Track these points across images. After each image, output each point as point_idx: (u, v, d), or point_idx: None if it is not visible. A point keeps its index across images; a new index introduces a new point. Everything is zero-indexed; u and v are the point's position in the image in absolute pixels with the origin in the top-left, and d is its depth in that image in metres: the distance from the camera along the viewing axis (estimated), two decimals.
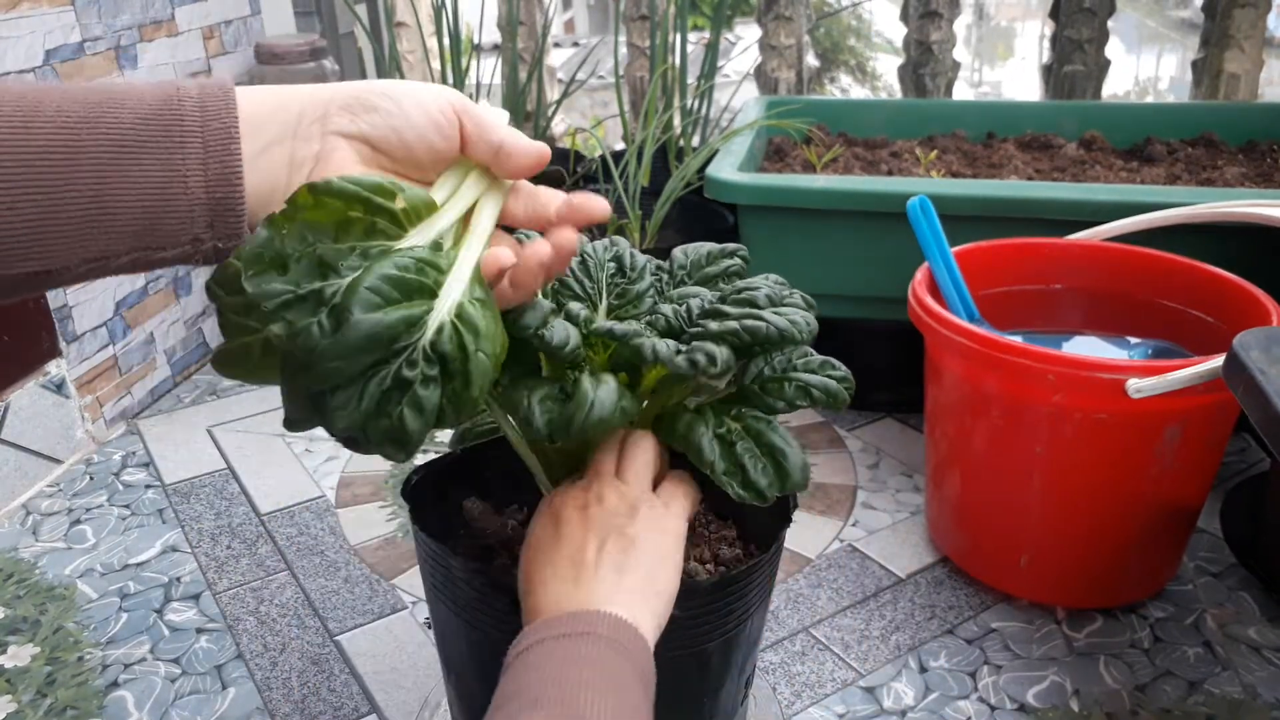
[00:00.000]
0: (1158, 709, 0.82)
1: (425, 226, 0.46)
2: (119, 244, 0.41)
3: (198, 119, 0.42)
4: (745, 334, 0.56)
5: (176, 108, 0.42)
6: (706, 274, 0.66)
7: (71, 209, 0.40)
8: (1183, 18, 5.16)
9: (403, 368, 0.43)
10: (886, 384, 1.27)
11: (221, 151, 0.42)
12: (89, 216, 0.40)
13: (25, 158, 0.39)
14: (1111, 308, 1.02)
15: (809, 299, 0.62)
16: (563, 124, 1.81)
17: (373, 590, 0.99)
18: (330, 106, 0.46)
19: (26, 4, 1.14)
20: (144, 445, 1.26)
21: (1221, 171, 1.24)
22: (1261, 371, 0.61)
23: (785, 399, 0.60)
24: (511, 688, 0.46)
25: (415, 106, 0.47)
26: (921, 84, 1.65)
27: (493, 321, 0.46)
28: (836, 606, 0.95)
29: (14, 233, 0.39)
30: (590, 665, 0.46)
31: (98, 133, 0.40)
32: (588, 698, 0.44)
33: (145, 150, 0.41)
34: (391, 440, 0.44)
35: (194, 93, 0.42)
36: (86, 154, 0.40)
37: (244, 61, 1.55)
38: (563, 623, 0.49)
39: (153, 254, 0.42)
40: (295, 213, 0.43)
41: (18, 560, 1.05)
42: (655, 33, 1.52)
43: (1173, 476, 0.85)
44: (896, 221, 1.00)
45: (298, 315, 0.42)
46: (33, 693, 0.87)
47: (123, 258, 0.42)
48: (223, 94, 0.43)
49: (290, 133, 0.45)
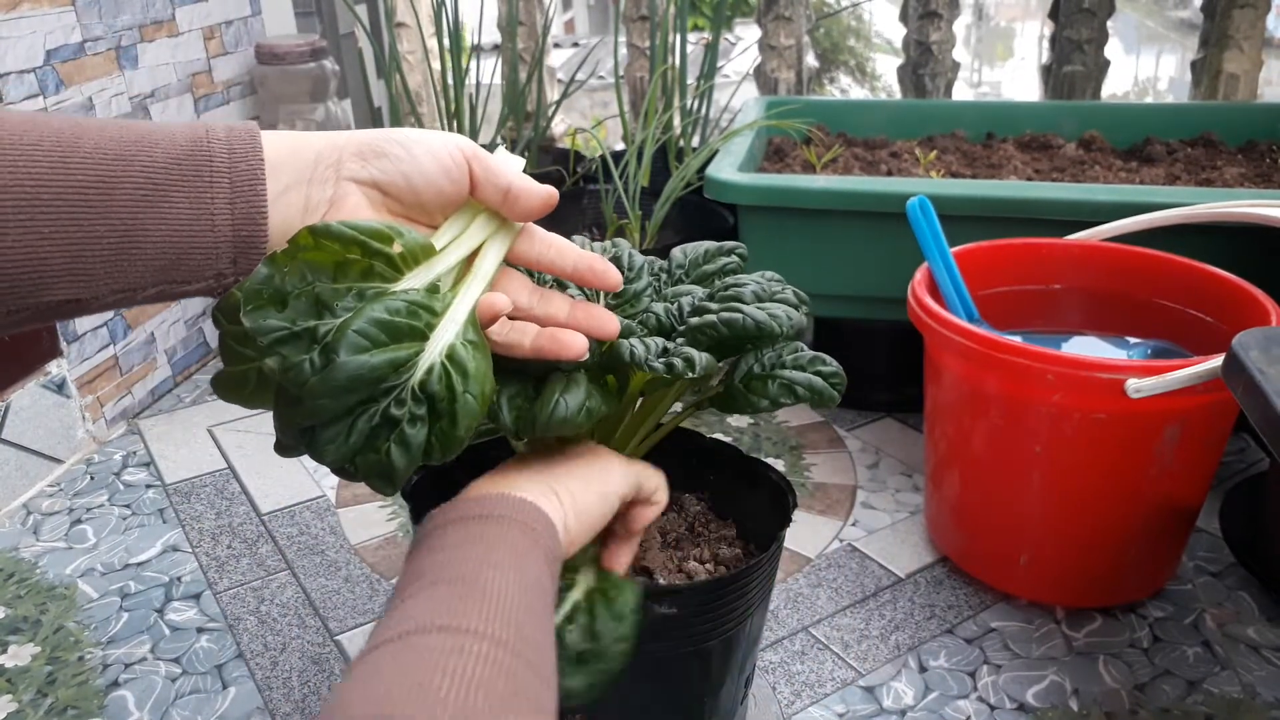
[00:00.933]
0: (1157, 708, 0.82)
1: (424, 269, 0.47)
2: (147, 277, 0.43)
3: (226, 160, 0.44)
4: (723, 327, 0.56)
5: (206, 149, 0.44)
6: (704, 272, 0.67)
7: (104, 242, 0.42)
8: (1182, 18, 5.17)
9: (391, 406, 0.44)
10: (886, 384, 1.27)
11: (248, 192, 0.44)
12: (120, 249, 0.42)
13: (63, 193, 0.41)
14: (1111, 308, 1.02)
15: (801, 294, 0.61)
16: (563, 124, 1.81)
17: (373, 590, 0.99)
18: (344, 153, 0.47)
19: (27, 4, 1.14)
20: (145, 445, 1.26)
21: (1221, 171, 1.24)
22: (1261, 371, 0.61)
23: (769, 397, 0.60)
24: (415, 567, 0.45)
25: (425, 153, 0.48)
26: (921, 84, 1.65)
27: (483, 362, 0.47)
28: (836, 606, 0.95)
29: (49, 263, 0.41)
30: (493, 544, 0.46)
31: (132, 170, 0.42)
32: (489, 574, 0.43)
33: (176, 189, 0.43)
34: (379, 474, 0.45)
35: (222, 135, 0.44)
36: (121, 191, 0.42)
37: (244, 62, 1.55)
38: (469, 504, 0.49)
39: (178, 287, 0.44)
40: (296, 252, 0.44)
41: (18, 560, 1.05)
42: (655, 33, 1.52)
43: (1172, 476, 0.85)
44: (896, 221, 1.00)
45: (291, 351, 0.43)
46: (33, 692, 0.87)
47: (149, 290, 0.44)
48: (249, 136, 0.45)
49: (306, 177, 0.46)
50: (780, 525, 0.67)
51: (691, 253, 0.68)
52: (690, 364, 0.53)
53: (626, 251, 0.66)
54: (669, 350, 0.55)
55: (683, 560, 0.68)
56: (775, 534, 0.66)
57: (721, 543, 0.71)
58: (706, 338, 0.56)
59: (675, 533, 0.72)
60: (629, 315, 0.62)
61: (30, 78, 1.15)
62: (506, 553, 0.45)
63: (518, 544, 0.46)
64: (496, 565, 0.44)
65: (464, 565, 0.44)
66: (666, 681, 0.65)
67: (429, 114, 1.81)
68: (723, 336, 0.56)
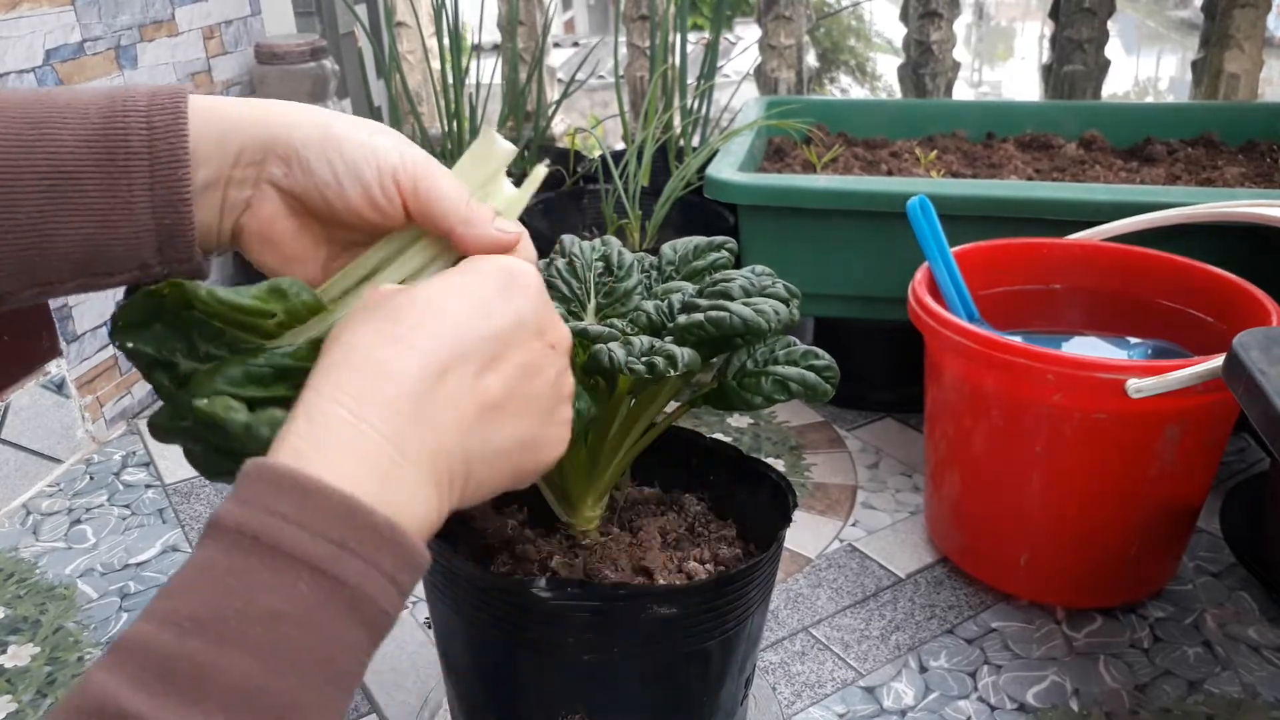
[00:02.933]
0: (1157, 709, 0.82)
1: (315, 322, 0.42)
2: (64, 271, 0.40)
3: (144, 137, 0.39)
4: (710, 325, 0.56)
5: (121, 124, 0.39)
6: (694, 268, 0.66)
7: (10, 239, 0.38)
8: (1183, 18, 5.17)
9: None
10: (886, 384, 1.27)
11: (169, 177, 0.39)
12: (31, 244, 0.39)
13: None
14: (1111, 308, 1.02)
15: (792, 289, 0.60)
16: (563, 124, 1.81)
17: None
18: (269, 152, 0.42)
19: (26, 4, 1.14)
20: (144, 445, 1.26)
21: (1221, 171, 1.24)
22: (1261, 371, 0.61)
23: (763, 394, 0.59)
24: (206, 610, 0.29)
25: (351, 178, 0.41)
26: (921, 84, 1.65)
27: None
28: (836, 606, 0.95)
29: None
30: (334, 652, 0.30)
31: (36, 158, 0.38)
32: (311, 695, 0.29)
33: (86, 176, 0.38)
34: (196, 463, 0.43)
35: (142, 104, 0.39)
36: (24, 183, 0.38)
37: (244, 62, 1.55)
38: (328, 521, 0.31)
39: (100, 279, 0.40)
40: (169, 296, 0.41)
41: (18, 560, 1.05)
42: (655, 33, 1.52)
43: (1172, 476, 0.85)
44: (896, 221, 1.00)
45: (160, 378, 0.41)
46: (33, 692, 0.87)
47: (68, 283, 0.40)
48: (173, 107, 0.39)
49: (226, 175, 0.42)
50: (780, 525, 0.67)
51: (681, 249, 0.68)
52: (672, 361, 0.52)
53: (615, 250, 0.65)
54: (653, 348, 0.54)
55: (683, 560, 0.68)
56: (775, 534, 0.66)
57: (721, 543, 0.71)
58: (694, 336, 0.56)
59: (675, 533, 0.72)
60: (619, 314, 0.62)
61: (30, 77, 1.15)
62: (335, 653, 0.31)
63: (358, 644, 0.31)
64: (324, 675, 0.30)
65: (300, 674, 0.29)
66: (667, 681, 0.65)
67: (429, 114, 1.81)
68: (710, 335, 0.56)
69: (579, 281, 0.64)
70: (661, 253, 0.68)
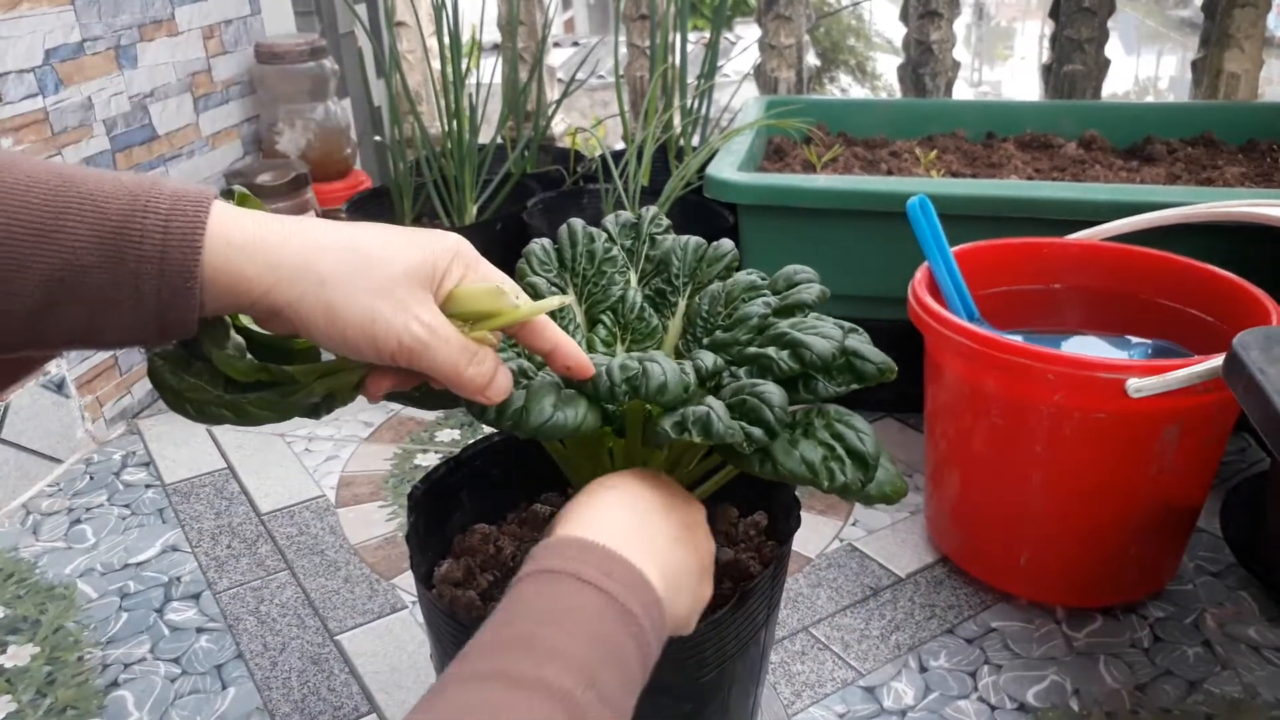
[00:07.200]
0: (1158, 708, 0.82)
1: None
2: (58, 345, 0.42)
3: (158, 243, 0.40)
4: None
5: (139, 225, 0.40)
6: (703, 283, 0.67)
7: (12, 321, 0.40)
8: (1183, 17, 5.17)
9: None
10: (886, 384, 1.27)
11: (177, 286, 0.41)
12: (29, 327, 0.40)
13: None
14: (1111, 308, 1.02)
15: (842, 324, 0.62)
16: (563, 123, 1.81)
17: (373, 590, 0.99)
18: (275, 316, 0.44)
19: (26, 4, 1.14)
20: (144, 445, 1.26)
21: (1221, 171, 1.24)
22: (1261, 371, 0.61)
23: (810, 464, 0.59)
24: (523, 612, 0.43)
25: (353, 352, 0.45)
26: (921, 84, 1.65)
27: None
28: (836, 606, 0.95)
29: None
30: (615, 640, 0.43)
31: (48, 251, 0.39)
32: (606, 675, 0.41)
33: (96, 271, 0.40)
34: None
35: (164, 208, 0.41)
36: (34, 271, 0.39)
37: (244, 61, 1.55)
38: (601, 561, 0.46)
39: (95, 348, 0.44)
40: None
41: (18, 560, 1.05)
42: (655, 32, 1.52)
43: (1172, 476, 0.85)
44: (896, 221, 1.00)
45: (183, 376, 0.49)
46: (33, 692, 0.87)
47: (59, 348, 0.42)
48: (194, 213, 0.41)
49: (235, 308, 0.44)
50: (784, 540, 0.67)
51: (689, 258, 0.68)
52: (706, 429, 0.50)
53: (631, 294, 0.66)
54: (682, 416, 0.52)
55: None
56: (780, 547, 0.66)
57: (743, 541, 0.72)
58: None
59: None
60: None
61: (30, 77, 1.15)
62: (622, 649, 0.43)
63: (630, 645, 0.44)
64: (609, 664, 0.42)
65: (589, 650, 0.42)
66: (666, 682, 0.65)
67: (429, 113, 1.81)
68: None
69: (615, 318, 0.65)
70: (669, 262, 0.68)
